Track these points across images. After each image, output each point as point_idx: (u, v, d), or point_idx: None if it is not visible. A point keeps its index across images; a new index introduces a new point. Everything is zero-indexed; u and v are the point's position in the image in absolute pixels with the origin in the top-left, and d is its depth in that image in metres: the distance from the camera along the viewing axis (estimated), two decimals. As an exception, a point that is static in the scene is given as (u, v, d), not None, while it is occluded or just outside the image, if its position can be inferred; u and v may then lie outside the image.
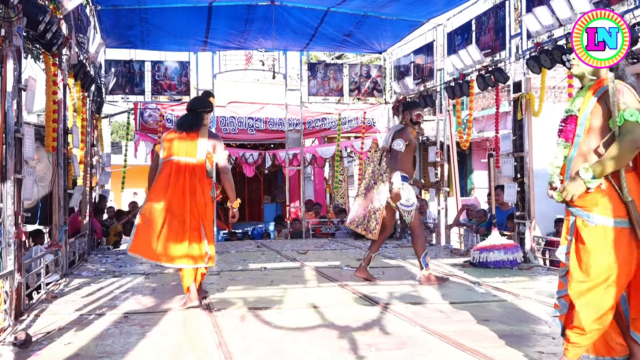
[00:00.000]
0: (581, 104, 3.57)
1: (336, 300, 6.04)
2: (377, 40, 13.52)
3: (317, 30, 12.48)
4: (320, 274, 7.81)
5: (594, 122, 3.49)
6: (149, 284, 7.19)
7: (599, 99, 3.49)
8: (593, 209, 3.47)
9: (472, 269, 8.12)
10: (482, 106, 18.00)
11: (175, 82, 13.53)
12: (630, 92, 3.42)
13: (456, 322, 5.07)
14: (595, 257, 3.42)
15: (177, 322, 5.15)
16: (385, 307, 5.60)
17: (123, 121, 17.50)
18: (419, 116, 7.05)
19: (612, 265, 3.39)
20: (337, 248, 11.08)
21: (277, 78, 14.41)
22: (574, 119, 3.57)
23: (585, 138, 3.51)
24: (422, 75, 12.89)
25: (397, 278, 7.41)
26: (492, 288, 6.61)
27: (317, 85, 14.33)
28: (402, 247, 10.93)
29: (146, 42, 12.90)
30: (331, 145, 16.17)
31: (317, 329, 4.86)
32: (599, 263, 3.41)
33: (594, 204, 3.46)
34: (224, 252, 10.59)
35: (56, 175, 7.71)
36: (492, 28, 10.00)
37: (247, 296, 6.27)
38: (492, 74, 9.70)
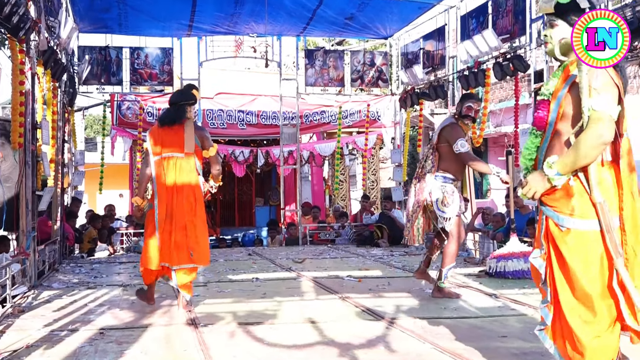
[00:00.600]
0: (554, 87, 3.41)
1: (336, 315, 6.04)
2: (383, 24, 13.53)
3: (315, 12, 12.49)
4: (318, 285, 7.81)
5: (567, 109, 3.34)
6: (127, 296, 7.18)
7: (573, 82, 3.33)
8: (564, 209, 3.34)
9: (489, 279, 8.12)
10: (499, 98, 18.02)
11: (156, 71, 13.53)
12: (607, 74, 3.25)
13: (470, 338, 5.07)
14: (574, 266, 3.31)
15: (158, 338, 5.14)
16: (391, 322, 5.60)
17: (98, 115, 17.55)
18: (469, 109, 6.92)
19: (593, 274, 3.27)
20: (338, 256, 11.08)
21: (270, 66, 14.44)
22: (547, 104, 3.42)
23: (557, 127, 3.37)
24: (432, 64, 12.91)
25: (404, 289, 7.41)
26: (510, 301, 6.61)
27: (315, 75, 14.34)
28: (409, 255, 10.93)
29: (124, 27, 12.91)
30: (331, 141, 16.17)
31: (315, 346, 4.86)
32: (579, 274, 3.30)
33: (565, 204, 3.34)
34: (211, 260, 10.56)
35: (23, 175, 7.70)
36: (511, 10, 10.02)
37: (237, 310, 6.26)
38: (510, 62, 9.72)
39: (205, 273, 9.03)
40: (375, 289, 7.46)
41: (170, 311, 6.22)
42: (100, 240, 12.74)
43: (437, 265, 7.15)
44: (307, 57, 14.40)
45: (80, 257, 11.49)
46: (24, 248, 7.60)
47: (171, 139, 6.22)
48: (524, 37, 9.72)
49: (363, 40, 16.09)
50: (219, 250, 13.14)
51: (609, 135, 3.17)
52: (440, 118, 20.07)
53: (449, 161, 6.87)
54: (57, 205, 10.13)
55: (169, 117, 6.28)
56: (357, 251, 11.69)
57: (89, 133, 30.38)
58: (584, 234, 3.28)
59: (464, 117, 6.92)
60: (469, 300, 6.73)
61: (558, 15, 3.43)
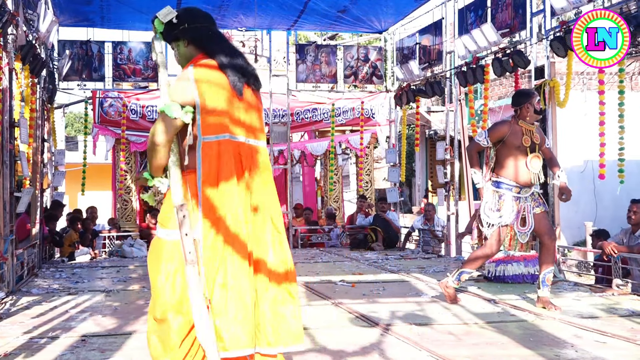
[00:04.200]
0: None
1: (329, 321, 6.05)
2: (377, 18, 13.55)
3: (307, 5, 12.49)
4: (310, 290, 7.82)
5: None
6: (110, 302, 7.18)
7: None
8: (159, 217, 3.48)
9: (487, 284, 8.16)
10: (498, 95, 18.08)
11: (140, 67, 13.51)
12: (187, 78, 3.36)
13: (469, 345, 5.10)
14: (151, 276, 3.40)
15: (142, 346, 5.14)
16: (386, 329, 5.62)
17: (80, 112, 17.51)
18: (529, 107, 6.66)
19: (158, 286, 3.34)
20: (330, 260, 11.10)
21: (259, 62, 14.43)
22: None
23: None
24: (429, 59, 12.93)
25: (399, 294, 7.44)
26: (510, 306, 6.64)
27: (306, 71, 14.34)
28: (405, 258, 10.96)
29: (106, 20, 12.88)
30: (323, 140, 16.18)
31: (307, 354, 4.87)
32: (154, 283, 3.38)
33: (161, 211, 3.48)
34: (198, 265, 10.56)
35: (0, 175, 7.69)
36: (511, 4, 10.06)
37: (225, 316, 6.26)
38: (510, 58, 9.75)
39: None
40: (370, 294, 7.48)
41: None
42: (82, 244, 12.72)
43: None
44: (298, 52, 14.40)
45: (61, 261, 11.48)
46: (2, 252, 7.59)
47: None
48: (524, 31, 9.75)
49: (357, 35, 16.13)
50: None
51: (158, 137, 3.27)
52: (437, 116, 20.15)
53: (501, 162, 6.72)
54: (36, 207, 10.10)
55: None
56: (350, 255, 11.71)
57: (69, 131, 30.28)
58: (166, 243, 3.38)
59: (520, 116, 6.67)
60: (467, 305, 6.75)
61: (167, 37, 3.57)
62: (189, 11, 3.59)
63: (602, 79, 8.61)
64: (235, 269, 3.26)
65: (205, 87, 3.32)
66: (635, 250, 7.91)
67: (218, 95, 3.35)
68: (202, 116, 3.30)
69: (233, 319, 3.22)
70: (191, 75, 3.34)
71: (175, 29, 3.50)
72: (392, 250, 12.42)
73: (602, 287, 7.95)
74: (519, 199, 6.64)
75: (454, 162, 12.02)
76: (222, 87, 3.36)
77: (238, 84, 3.41)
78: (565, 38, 8.36)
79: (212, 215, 3.28)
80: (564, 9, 8.58)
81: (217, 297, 3.22)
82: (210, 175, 3.29)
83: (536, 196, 6.74)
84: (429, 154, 22.28)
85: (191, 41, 3.53)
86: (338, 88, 14.78)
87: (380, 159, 19.84)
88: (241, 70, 3.44)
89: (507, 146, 6.64)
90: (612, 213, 10.80)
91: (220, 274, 3.24)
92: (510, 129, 6.64)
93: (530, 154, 6.59)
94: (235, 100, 3.41)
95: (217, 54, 3.43)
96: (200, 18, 3.56)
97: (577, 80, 15.20)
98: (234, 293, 3.24)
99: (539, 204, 6.73)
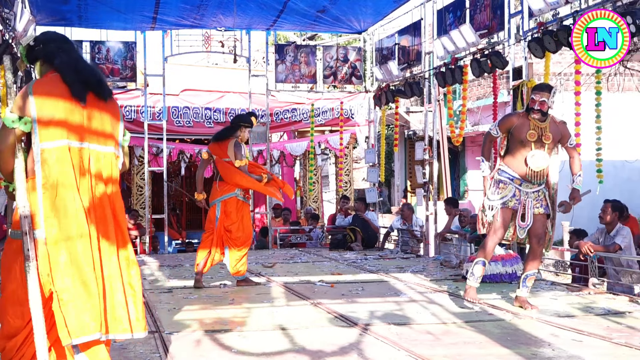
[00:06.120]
0: None
1: (308, 321, 6.06)
2: (356, 18, 13.57)
3: (286, 5, 12.49)
4: (289, 290, 7.81)
5: None
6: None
7: None
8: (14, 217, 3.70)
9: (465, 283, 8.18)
10: (477, 95, 18.18)
11: (119, 67, 13.44)
12: (23, 93, 3.61)
13: (447, 345, 5.12)
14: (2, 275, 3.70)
15: (120, 347, 5.12)
16: (364, 329, 5.63)
17: (57, 112, 17.30)
18: (532, 102, 6.46)
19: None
20: (310, 260, 11.09)
21: (239, 62, 14.40)
22: None
23: None
24: (408, 60, 12.97)
25: (378, 294, 7.45)
26: (488, 306, 6.68)
27: (286, 71, 14.34)
28: (384, 258, 10.98)
29: (84, 19, 12.80)
30: (302, 140, 16.17)
31: (286, 354, 4.87)
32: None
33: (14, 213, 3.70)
34: (177, 265, 10.55)
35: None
36: (489, 5, 10.11)
37: (204, 317, 6.25)
38: (488, 58, 9.80)
39: (170, 278, 9.00)
40: (349, 294, 7.49)
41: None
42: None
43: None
44: (277, 52, 14.39)
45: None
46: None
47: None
48: (503, 32, 9.81)
49: (336, 35, 16.12)
50: (184, 255, 13.08)
51: (0, 145, 3.57)
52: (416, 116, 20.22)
53: (509, 153, 6.61)
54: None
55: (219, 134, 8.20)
56: (329, 255, 11.71)
57: (46, 131, 30.00)
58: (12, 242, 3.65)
59: (529, 110, 6.49)
60: (446, 305, 6.78)
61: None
62: (44, 34, 3.96)
63: (578, 80, 8.69)
64: (80, 263, 3.53)
65: (42, 98, 3.60)
66: (610, 250, 7.99)
67: (56, 105, 3.61)
68: (40, 125, 3.57)
69: (79, 308, 3.48)
70: (30, 89, 3.59)
71: (33, 50, 3.85)
72: (371, 250, 12.43)
73: (579, 286, 8.02)
74: (521, 191, 6.50)
75: (433, 162, 12.05)
76: (62, 97, 3.64)
77: (80, 94, 3.69)
78: (543, 39, 8.42)
79: (53, 215, 3.54)
80: (541, 10, 8.64)
81: (62, 288, 3.48)
82: (49, 179, 3.55)
83: (541, 196, 6.57)
84: (408, 154, 22.35)
85: (44, 60, 3.82)
86: (317, 88, 14.79)
87: (359, 159, 19.88)
88: (85, 81, 3.72)
89: (514, 138, 6.50)
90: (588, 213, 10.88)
91: (64, 268, 3.51)
92: (518, 121, 6.49)
93: (534, 149, 6.40)
94: (77, 109, 3.67)
95: (63, 68, 3.73)
96: (53, 39, 3.88)
97: (555, 81, 15.31)
98: (78, 284, 3.51)
99: (542, 205, 6.57)
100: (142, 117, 13.84)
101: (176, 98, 15.15)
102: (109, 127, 3.82)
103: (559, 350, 4.89)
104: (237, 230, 8.00)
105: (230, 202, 8.02)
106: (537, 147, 6.39)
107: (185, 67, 17.43)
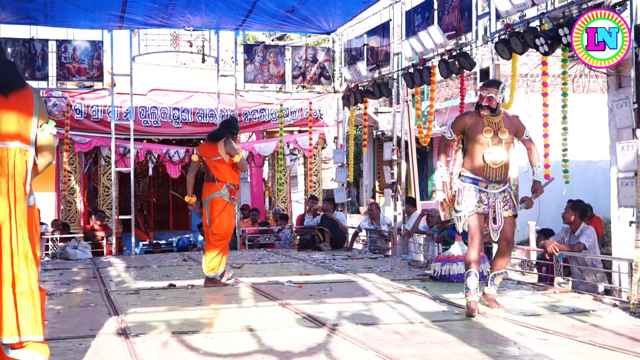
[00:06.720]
0: None
1: (276, 322, 6.05)
2: (325, 18, 13.59)
3: (255, 4, 12.46)
4: (257, 291, 7.80)
5: None
6: (52, 305, 7.05)
7: None
8: None
9: (433, 283, 8.23)
10: (445, 96, 18.28)
11: (85, 66, 13.32)
12: None
13: (414, 344, 5.14)
14: None
15: (86, 350, 5.07)
16: (332, 329, 5.63)
17: (22, 111, 17.07)
18: (480, 98, 6.37)
19: None
20: (278, 261, 11.08)
21: (207, 62, 14.34)
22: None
23: None
24: (376, 60, 13.01)
25: (346, 294, 7.46)
26: (455, 305, 6.72)
27: (254, 71, 14.31)
28: (352, 258, 11.00)
29: (50, 17, 12.66)
30: (271, 140, 16.15)
31: (254, 355, 4.86)
32: None
33: None
34: (144, 266, 10.48)
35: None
36: (457, 6, 10.17)
37: (171, 318, 6.21)
38: (456, 60, 9.86)
39: (137, 280, 8.94)
40: (317, 294, 7.49)
41: (100, 320, 6.13)
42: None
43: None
44: (246, 52, 14.35)
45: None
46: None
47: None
48: (470, 34, 9.87)
49: (305, 35, 16.12)
50: (152, 256, 13.02)
51: None
52: (385, 117, 20.28)
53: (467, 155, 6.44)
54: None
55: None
56: (297, 255, 11.70)
57: (12, 131, 29.62)
58: None
59: (478, 107, 6.38)
60: (413, 304, 6.81)
61: None
62: None
63: (545, 81, 8.78)
64: None
65: None
66: (575, 249, 8.09)
67: None
68: None
69: None
70: None
71: None
72: (339, 250, 12.44)
73: (544, 285, 8.10)
74: (487, 193, 6.33)
75: (401, 162, 12.10)
76: None
77: None
78: (510, 41, 8.49)
79: None
80: (508, 12, 8.72)
81: None
82: None
83: (507, 197, 6.42)
84: (377, 154, 22.41)
85: None
86: (286, 88, 14.77)
87: (328, 159, 19.90)
88: None
89: (469, 138, 6.36)
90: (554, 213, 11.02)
91: None
92: (471, 120, 6.36)
93: (490, 146, 6.24)
94: None
95: None
96: None
97: (522, 82, 15.44)
98: None
99: (509, 206, 6.43)
100: (109, 117, 13.72)
101: (144, 98, 15.04)
102: (12, 122, 3.81)
103: (524, 348, 4.93)
104: (215, 227, 8.20)
105: (216, 201, 8.22)
106: (493, 144, 6.26)
107: (153, 67, 17.30)
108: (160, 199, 19.06)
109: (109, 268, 10.41)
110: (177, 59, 19.95)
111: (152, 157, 15.11)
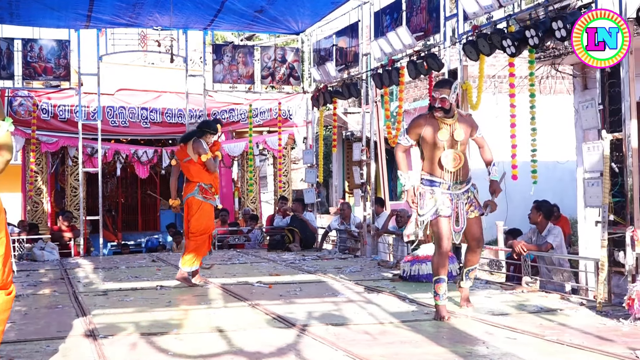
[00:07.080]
0: None
1: (246, 323, 6.04)
2: (294, 18, 13.58)
3: (224, 4, 12.42)
4: (227, 292, 7.78)
5: None
6: (19, 307, 6.96)
7: None
8: None
9: (402, 283, 8.26)
10: (413, 97, 18.37)
11: (52, 65, 13.19)
12: None
13: (384, 344, 5.16)
14: None
15: (54, 352, 5.02)
16: (302, 330, 5.64)
17: (-13, 111, 16.87)
18: (433, 100, 6.18)
19: None
20: (248, 261, 11.06)
21: (176, 62, 14.26)
22: None
23: None
24: (345, 61, 13.04)
25: (316, 295, 7.48)
26: (424, 305, 6.75)
27: (223, 71, 14.26)
28: (322, 259, 11.02)
29: (16, 16, 12.51)
30: (240, 141, 16.11)
31: (223, 356, 4.85)
32: None
33: None
34: (112, 267, 10.40)
35: None
36: (425, 8, 10.23)
37: (140, 320, 6.18)
38: (424, 61, 9.91)
39: (105, 281, 8.88)
40: (286, 295, 7.49)
41: (68, 322, 6.07)
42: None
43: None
44: (214, 52, 14.30)
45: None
46: None
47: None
48: (439, 35, 9.93)
49: (274, 36, 16.13)
50: (120, 257, 12.92)
51: None
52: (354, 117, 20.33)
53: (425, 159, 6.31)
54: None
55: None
56: (267, 256, 11.69)
57: (-24, 131, 29.23)
58: None
59: (432, 108, 6.21)
60: (383, 304, 6.84)
61: None
62: None
63: (512, 82, 8.86)
64: None
65: None
66: (543, 249, 8.18)
67: None
68: None
69: None
70: None
71: None
72: (309, 250, 12.45)
73: (513, 284, 8.17)
74: (451, 195, 6.20)
75: (370, 163, 12.14)
76: None
77: None
78: (477, 42, 8.56)
79: None
80: (476, 14, 8.78)
81: None
82: None
83: (471, 197, 6.33)
84: (346, 155, 22.45)
85: None
86: (255, 89, 14.75)
87: (297, 159, 19.88)
88: None
89: (426, 142, 6.19)
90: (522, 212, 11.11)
91: None
92: (426, 123, 6.19)
93: (446, 149, 6.11)
94: None
95: None
96: None
97: (489, 84, 15.58)
98: None
99: (475, 207, 6.35)
100: (76, 117, 13.60)
101: (111, 98, 14.93)
102: None
103: (493, 347, 4.98)
104: (192, 226, 8.33)
105: (191, 201, 8.34)
106: (449, 146, 6.14)
107: (121, 67, 17.16)
108: (128, 199, 18.92)
109: (76, 269, 10.31)
110: (145, 58, 19.83)
111: (120, 157, 14.99)
